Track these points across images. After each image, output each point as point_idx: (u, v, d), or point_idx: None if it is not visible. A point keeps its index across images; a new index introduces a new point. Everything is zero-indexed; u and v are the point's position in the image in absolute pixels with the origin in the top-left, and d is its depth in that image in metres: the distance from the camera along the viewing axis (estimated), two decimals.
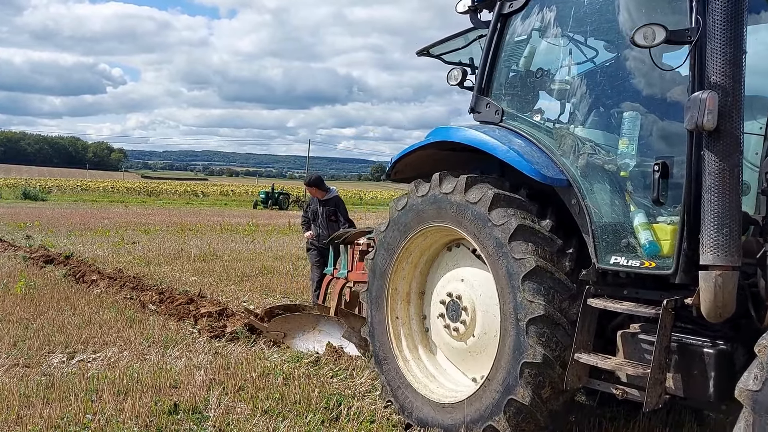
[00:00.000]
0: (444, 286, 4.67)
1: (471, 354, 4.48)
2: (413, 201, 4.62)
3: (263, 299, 9.85)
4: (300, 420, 4.67)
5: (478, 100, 4.72)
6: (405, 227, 4.69)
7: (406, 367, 4.75)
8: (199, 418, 4.67)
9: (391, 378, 4.81)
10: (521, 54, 4.61)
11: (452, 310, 4.54)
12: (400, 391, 4.72)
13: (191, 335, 7.23)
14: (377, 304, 4.97)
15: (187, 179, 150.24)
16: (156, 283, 10.88)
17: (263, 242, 19.33)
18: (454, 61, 5.41)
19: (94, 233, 20.58)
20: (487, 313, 4.32)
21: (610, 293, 3.80)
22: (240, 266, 13.35)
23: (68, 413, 4.61)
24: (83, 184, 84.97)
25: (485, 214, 4.04)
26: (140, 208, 43.33)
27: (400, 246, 4.75)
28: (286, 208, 51.08)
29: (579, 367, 3.71)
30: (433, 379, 4.69)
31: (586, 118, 4.25)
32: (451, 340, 4.58)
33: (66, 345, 6.56)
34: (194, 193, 79.65)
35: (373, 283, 5.00)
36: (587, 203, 3.89)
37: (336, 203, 8.91)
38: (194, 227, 24.96)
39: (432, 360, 4.82)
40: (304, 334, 6.81)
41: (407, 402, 4.64)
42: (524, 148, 4.20)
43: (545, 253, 3.88)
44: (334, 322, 6.67)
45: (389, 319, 4.90)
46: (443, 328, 4.62)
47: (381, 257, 4.91)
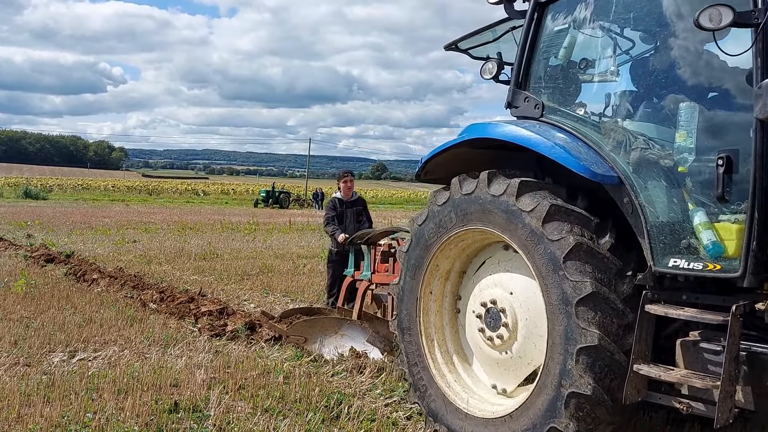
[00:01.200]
0: (482, 292, 4.37)
1: (507, 365, 4.23)
2: (456, 198, 4.29)
3: (264, 298, 9.85)
4: (300, 419, 4.67)
5: (515, 94, 4.46)
6: (443, 224, 4.39)
7: (439, 374, 4.52)
8: (199, 416, 4.67)
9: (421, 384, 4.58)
10: (560, 45, 4.33)
11: (490, 321, 4.24)
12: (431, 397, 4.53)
13: (192, 334, 7.23)
14: (410, 330, 4.68)
15: (188, 178, 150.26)
16: (157, 281, 10.88)
17: (264, 241, 19.34)
18: (481, 55, 5.16)
19: (95, 232, 20.59)
20: (528, 312, 4.04)
21: (666, 298, 3.53)
22: (240, 265, 13.35)
23: (69, 412, 4.61)
24: (84, 183, 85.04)
25: (539, 226, 3.71)
26: (141, 207, 43.35)
27: (438, 240, 4.44)
28: (286, 206, 51.10)
29: (638, 380, 3.43)
30: (470, 391, 4.45)
31: (637, 111, 3.98)
32: (489, 349, 4.30)
33: (67, 344, 6.56)
34: (195, 191, 79.67)
35: (403, 309, 4.73)
36: (641, 201, 3.62)
37: (363, 203, 8.64)
38: (195, 226, 24.97)
39: (466, 368, 4.58)
40: (326, 338, 6.55)
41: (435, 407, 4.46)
42: (570, 143, 3.91)
43: (603, 276, 3.56)
44: (357, 325, 6.48)
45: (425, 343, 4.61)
46: (483, 340, 4.33)
47: (416, 252, 4.62)
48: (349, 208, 8.38)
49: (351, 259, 7.41)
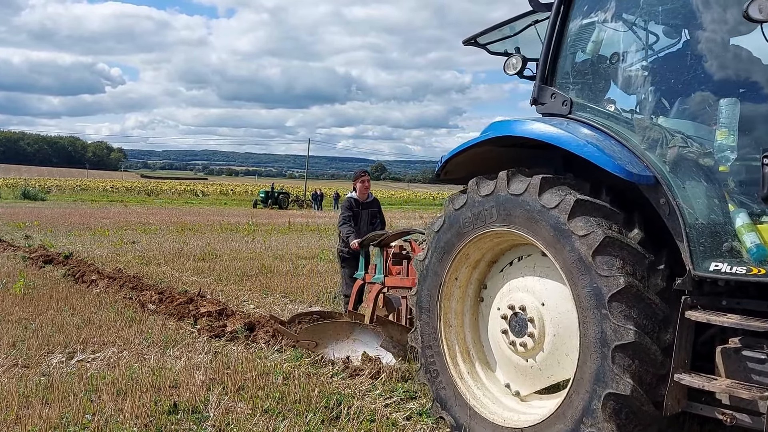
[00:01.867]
0: (506, 296, 4.19)
1: (525, 372, 4.08)
2: (474, 200, 4.13)
3: (263, 299, 9.84)
4: (300, 419, 4.65)
5: (541, 90, 4.27)
6: (462, 228, 4.22)
7: (461, 382, 4.33)
8: (198, 417, 4.65)
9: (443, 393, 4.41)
10: (589, 39, 4.16)
11: (516, 326, 4.06)
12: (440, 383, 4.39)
13: (191, 335, 7.22)
14: (428, 311, 4.48)
15: (187, 179, 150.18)
16: (155, 282, 10.86)
17: (263, 242, 19.33)
18: (498, 51, 4.99)
19: (94, 233, 20.56)
20: (557, 328, 3.87)
21: (705, 304, 3.36)
22: (240, 266, 13.34)
23: (67, 413, 4.59)
24: (82, 184, 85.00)
25: (564, 222, 3.55)
26: (140, 208, 43.32)
27: (455, 249, 4.27)
28: (285, 207, 51.12)
29: (678, 390, 3.28)
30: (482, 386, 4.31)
31: (673, 107, 3.81)
32: (509, 352, 4.14)
33: (65, 345, 6.54)
34: (194, 192, 79.69)
35: (424, 288, 4.50)
36: (679, 203, 3.43)
37: (378, 204, 8.35)
38: (194, 227, 24.96)
39: (490, 375, 4.39)
40: (337, 343, 6.35)
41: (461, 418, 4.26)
42: (602, 141, 3.73)
43: (635, 270, 3.38)
44: (369, 330, 6.29)
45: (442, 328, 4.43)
46: (504, 341, 4.17)
47: (434, 260, 4.43)
48: (364, 209, 8.08)
49: (362, 261, 7.21)
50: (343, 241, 7.90)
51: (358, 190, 8.11)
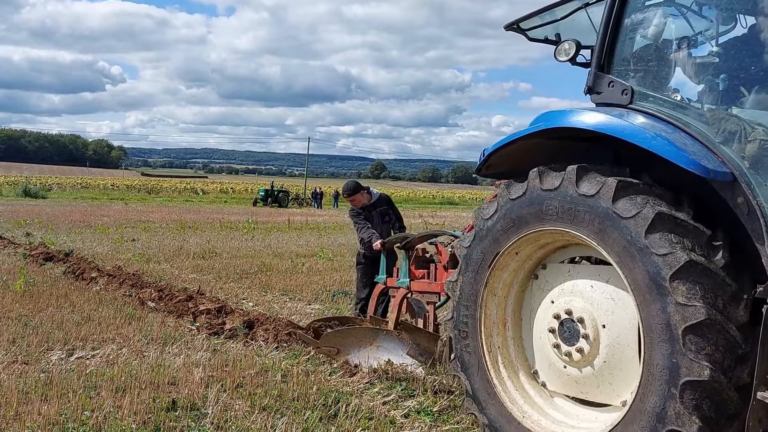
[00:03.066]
0: (565, 295, 3.90)
1: (593, 381, 3.75)
2: (505, 206, 3.90)
3: (262, 296, 9.86)
4: (298, 417, 4.67)
5: (597, 78, 3.96)
6: (495, 239, 3.96)
7: (509, 399, 4.03)
8: (197, 414, 4.67)
9: (492, 415, 4.07)
10: (651, 21, 3.87)
11: (566, 332, 3.79)
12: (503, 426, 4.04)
13: (190, 332, 7.24)
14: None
15: (187, 177, 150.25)
16: (155, 280, 10.88)
17: (263, 240, 19.34)
18: (538, 37, 4.67)
19: (94, 231, 20.58)
20: (613, 330, 3.61)
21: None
22: (239, 263, 13.36)
23: (67, 410, 4.61)
24: (83, 182, 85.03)
25: (609, 207, 3.31)
26: (140, 206, 43.34)
27: (489, 262, 4.00)
28: (285, 205, 51.13)
29: (762, 409, 3.00)
30: (543, 413, 3.97)
31: (751, 97, 3.54)
32: (578, 371, 3.80)
33: (65, 342, 6.56)
34: (194, 190, 79.71)
35: (460, 306, 4.21)
36: (760, 201, 3.15)
37: (388, 202, 8.09)
38: (194, 225, 24.98)
39: (539, 390, 4.09)
40: (360, 350, 6.05)
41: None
42: (672, 134, 3.44)
43: (717, 300, 3.07)
44: (394, 336, 5.98)
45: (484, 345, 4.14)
46: (555, 352, 3.89)
47: (468, 278, 4.15)
48: (372, 210, 7.85)
49: (383, 264, 6.88)
50: (364, 244, 7.74)
51: (357, 203, 7.95)
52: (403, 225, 8.00)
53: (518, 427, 3.89)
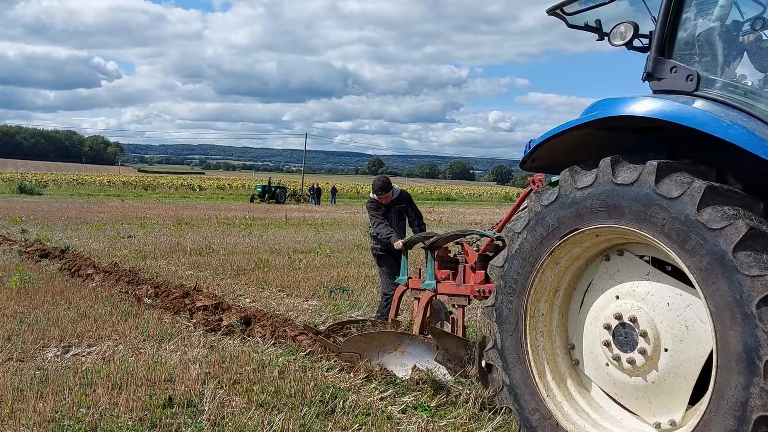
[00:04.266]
0: (618, 300, 3.63)
1: (632, 390, 3.56)
2: (569, 194, 3.59)
3: (259, 293, 9.83)
4: (295, 413, 4.65)
5: (657, 63, 3.71)
6: (553, 228, 3.68)
7: (556, 408, 3.83)
8: (193, 411, 4.65)
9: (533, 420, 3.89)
10: (716, 2, 3.66)
11: (623, 337, 3.54)
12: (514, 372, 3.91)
13: (186, 329, 7.21)
14: (509, 325, 3.95)
15: (184, 173, 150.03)
16: (152, 276, 10.85)
17: (260, 236, 19.31)
18: (578, 23, 4.41)
19: (90, 227, 20.53)
20: (675, 357, 3.36)
21: None
22: (236, 260, 13.33)
23: (62, 407, 4.58)
24: (79, 178, 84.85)
25: (693, 213, 3.03)
26: (136, 202, 43.25)
27: (544, 253, 3.74)
28: (283, 201, 51.09)
29: None
30: (595, 425, 3.74)
31: None
32: (621, 375, 3.60)
33: (61, 339, 6.53)
34: (191, 187, 79.62)
35: (504, 300, 3.97)
36: None
37: (407, 199, 7.75)
38: (191, 221, 24.93)
39: (588, 398, 3.87)
40: (384, 356, 5.79)
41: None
42: (748, 123, 3.19)
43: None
44: (420, 341, 5.74)
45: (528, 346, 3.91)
46: (609, 359, 3.65)
47: (516, 268, 3.88)
48: (391, 207, 7.55)
49: (404, 264, 6.59)
50: (377, 239, 7.43)
51: (381, 199, 7.57)
52: (422, 223, 7.72)
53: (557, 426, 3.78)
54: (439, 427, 4.55)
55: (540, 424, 3.88)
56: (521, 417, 4.01)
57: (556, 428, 3.79)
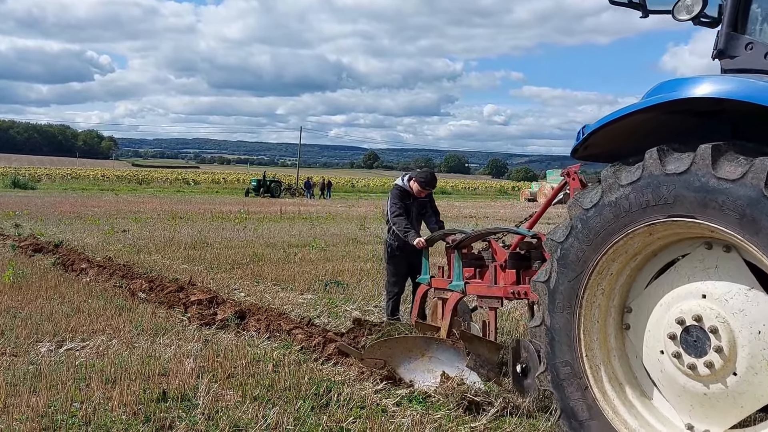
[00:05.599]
0: (690, 301, 3.27)
1: (698, 398, 3.24)
2: (614, 193, 3.27)
3: (254, 287, 9.82)
4: (290, 407, 4.65)
5: (730, 39, 3.42)
6: (600, 233, 3.34)
7: (617, 419, 3.47)
8: (188, 405, 4.64)
9: None
10: None
11: (693, 339, 3.21)
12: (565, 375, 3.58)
13: (181, 323, 7.19)
14: (561, 336, 3.61)
15: (178, 167, 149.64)
16: (146, 271, 10.83)
17: (254, 230, 19.28)
18: (622, 0, 4.03)
19: (84, 222, 20.46)
20: (753, 370, 3.04)
21: None
22: (231, 254, 13.31)
23: (55, 402, 4.57)
24: (73, 173, 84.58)
25: (761, 192, 2.75)
26: (131, 197, 43.13)
27: (592, 260, 3.39)
28: (278, 195, 51.04)
29: None
30: None
31: None
32: (674, 370, 3.30)
33: (54, 333, 6.51)
34: (185, 181, 79.45)
35: (553, 311, 3.62)
36: None
37: (430, 194, 7.25)
38: (185, 215, 24.88)
39: (651, 408, 3.52)
40: (410, 362, 5.43)
41: None
42: None
43: None
44: (447, 346, 5.40)
45: (583, 357, 3.55)
46: (667, 351, 3.33)
47: (561, 278, 3.55)
48: (414, 201, 7.06)
49: (426, 264, 6.27)
50: (395, 234, 6.91)
51: (414, 190, 7.00)
52: (440, 220, 7.25)
53: None
54: (434, 419, 4.55)
55: None
56: None
57: None
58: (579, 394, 3.58)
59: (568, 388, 3.62)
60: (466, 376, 5.05)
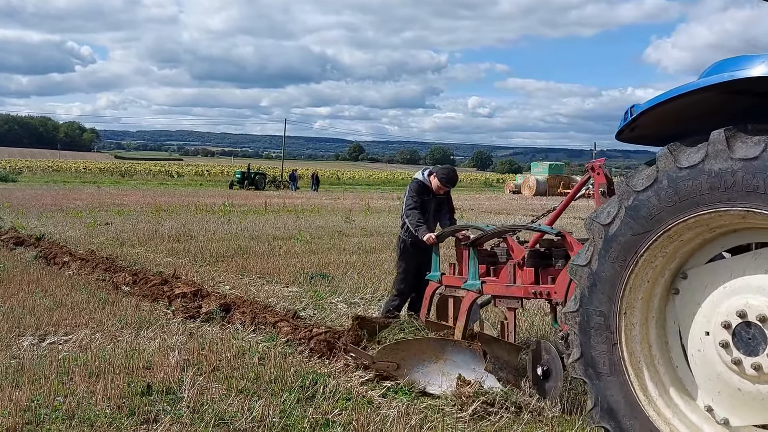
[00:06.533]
0: (737, 296, 3.12)
1: (760, 402, 3.09)
2: (670, 175, 3.10)
3: (239, 280, 9.79)
4: (275, 399, 4.64)
5: None
6: (686, 199, 3.09)
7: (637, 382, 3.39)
8: (172, 398, 4.62)
9: None
10: None
11: (746, 338, 3.06)
12: None
13: (165, 316, 7.16)
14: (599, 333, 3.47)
15: (162, 159, 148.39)
16: (129, 264, 10.75)
17: (239, 222, 19.18)
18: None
19: (66, 214, 20.24)
20: None
21: None
22: (215, 247, 13.24)
23: (38, 396, 4.53)
24: (54, 165, 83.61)
25: None
26: (113, 189, 42.72)
27: (667, 222, 3.17)
28: (262, 188, 50.77)
29: None
30: None
31: None
32: (728, 372, 3.14)
33: (37, 327, 6.45)
34: (169, 173, 78.84)
35: (604, 257, 3.41)
36: None
37: (448, 192, 7.04)
38: (169, 208, 24.69)
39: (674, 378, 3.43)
40: (424, 365, 5.19)
41: None
42: None
43: None
44: (463, 348, 5.22)
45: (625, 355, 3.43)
46: (719, 352, 3.17)
47: (624, 228, 3.31)
48: (433, 197, 6.86)
49: (436, 261, 6.07)
50: (408, 229, 6.73)
51: (434, 186, 6.81)
52: (453, 217, 7.09)
53: None
54: (420, 410, 4.57)
55: None
56: None
57: None
58: (605, 348, 3.46)
59: (594, 338, 3.50)
60: (483, 379, 4.86)
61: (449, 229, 6.30)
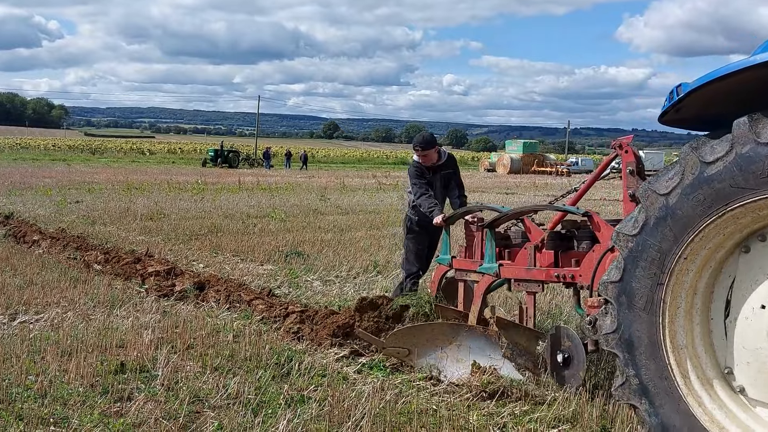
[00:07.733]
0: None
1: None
2: (748, 149, 2.78)
3: (213, 258, 9.73)
4: (250, 376, 4.66)
5: None
6: (717, 194, 2.91)
7: (703, 412, 3.12)
8: (146, 377, 4.61)
9: None
10: None
11: None
12: None
13: (138, 295, 7.10)
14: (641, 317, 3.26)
15: (133, 137, 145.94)
16: (101, 242, 10.61)
17: (212, 201, 19.03)
18: None
19: (35, 192, 19.89)
20: None
21: None
22: (189, 225, 13.12)
23: (10, 375, 4.48)
24: (23, 142, 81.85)
25: None
26: (84, 167, 42.00)
27: (734, 202, 2.90)
28: (236, 166, 50.33)
29: None
30: None
31: None
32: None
33: (7, 306, 6.35)
34: (140, 151, 77.67)
35: (655, 232, 3.16)
36: None
37: (454, 164, 6.72)
38: (141, 186, 24.38)
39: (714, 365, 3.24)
40: (436, 351, 4.99)
41: None
42: None
43: None
44: (478, 333, 4.96)
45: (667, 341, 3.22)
46: None
47: (687, 202, 3.04)
48: (437, 173, 6.50)
49: (446, 242, 5.79)
50: (417, 210, 6.46)
51: (422, 160, 6.50)
52: (463, 193, 6.72)
53: None
54: (394, 384, 4.62)
55: None
56: None
57: None
58: (648, 283, 3.21)
59: (640, 271, 3.22)
60: (499, 366, 4.69)
61: (461, 210, 6.00)
